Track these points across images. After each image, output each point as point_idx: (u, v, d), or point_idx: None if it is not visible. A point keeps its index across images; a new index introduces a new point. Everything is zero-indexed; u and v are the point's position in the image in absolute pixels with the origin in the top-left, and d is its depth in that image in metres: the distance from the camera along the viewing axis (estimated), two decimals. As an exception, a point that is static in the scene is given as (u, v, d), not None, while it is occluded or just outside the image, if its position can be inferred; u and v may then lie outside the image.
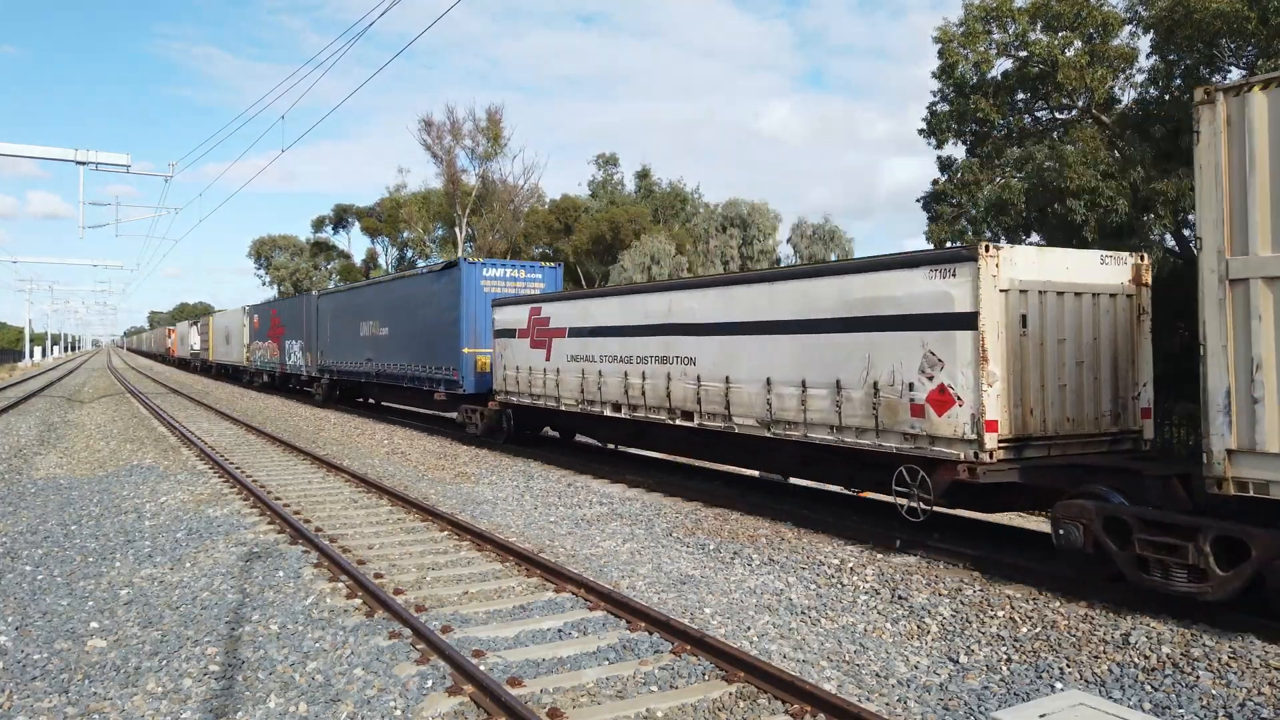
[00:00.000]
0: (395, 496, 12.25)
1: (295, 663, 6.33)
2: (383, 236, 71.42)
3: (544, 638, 6.81)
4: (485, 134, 50.55)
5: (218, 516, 11.23)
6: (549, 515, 11.55)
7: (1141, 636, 6.57)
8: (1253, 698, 5.62)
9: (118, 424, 23.55)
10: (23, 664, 6.42)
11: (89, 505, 12.15)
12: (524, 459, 16.51)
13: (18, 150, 22.17)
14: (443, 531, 10.39)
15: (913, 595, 7.76)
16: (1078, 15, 18.84)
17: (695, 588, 8.16)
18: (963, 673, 6.19)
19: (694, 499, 12.33)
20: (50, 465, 16.10)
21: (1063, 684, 5.94)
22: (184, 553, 9.44)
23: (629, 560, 9.17)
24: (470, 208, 51.31)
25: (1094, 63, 18.44)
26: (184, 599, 7.87)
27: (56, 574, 8.76)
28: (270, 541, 9.92)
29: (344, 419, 25.10)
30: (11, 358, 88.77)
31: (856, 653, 6.57)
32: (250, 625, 7.13)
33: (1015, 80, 20.29)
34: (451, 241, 53.76)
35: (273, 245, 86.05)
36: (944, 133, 21.70)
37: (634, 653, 6.43)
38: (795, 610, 7.52)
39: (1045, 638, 6.72)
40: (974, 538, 9.65)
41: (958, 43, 20.70)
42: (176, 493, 12.96)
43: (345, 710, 5.55)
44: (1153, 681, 5.93)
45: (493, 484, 13.97)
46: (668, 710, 5.53)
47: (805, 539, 9.92)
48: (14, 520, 11.24)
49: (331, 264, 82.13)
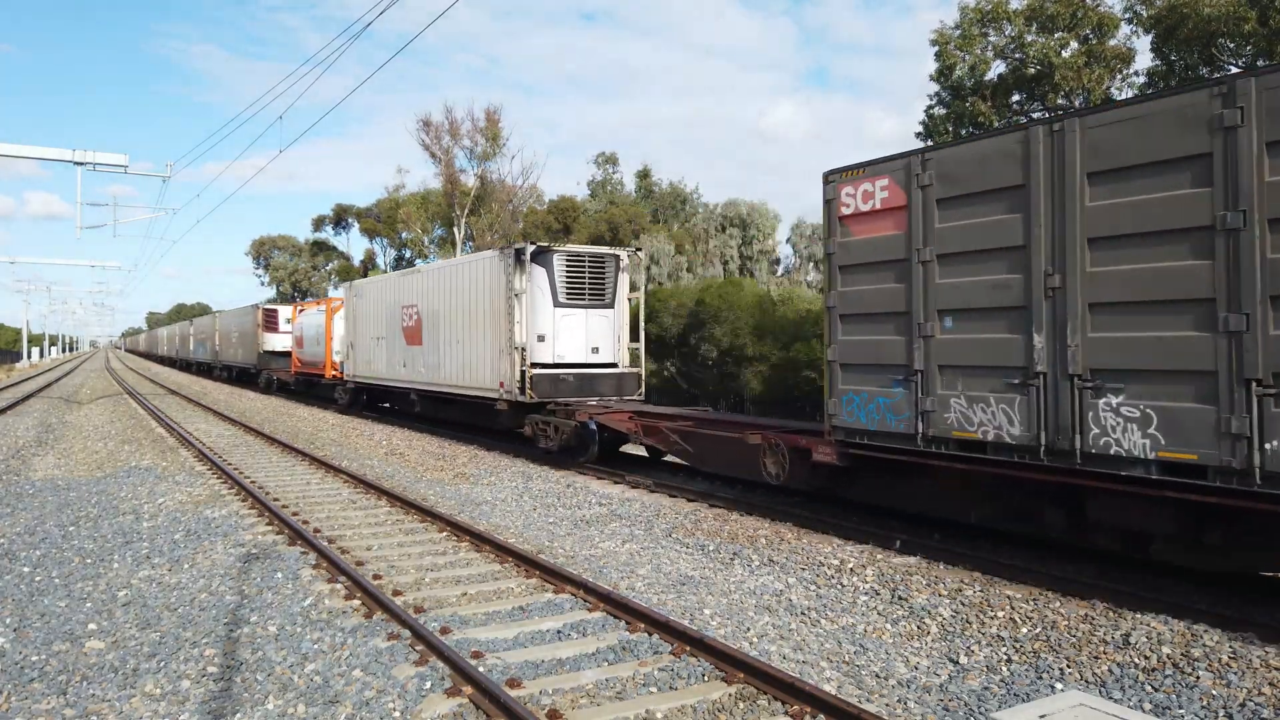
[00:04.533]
0: (394, 497, 12.23)
1: (294, 664, 6.32)
2: (381, 237, 71.40)
3: (543, 639, 6.80)
4: (484, 134, 50.62)
5: (216, 518, 11.21)
6: (548, 516, 11.54)
7: (1141, 636, 6.57)
8: (1253, 698, 5.62)
9: (115, 425, 23.52)
10: (20, 665, 6.40)
11: (87, 506, 12.13)
12: (523, 459, 16.50)
13: (15, 150, 22.13)
14: (441, 532, 10.38)
15: (913, 596, 7.76)
16: (1073, 16, 18.87)
17: (695, 589, 8.15)
18: (963, 673, 6.19)
19: (693, 500, 12.33)
20: (48, 466, 16.07)
21: (1063, 684, 5.94)
22: (182, 554, 9.43)
23: (628, 561, 9.16)
24: (469, 208, 51.32)
25: (1091, 63, 18.47)
26: (182, 600, 7.85)
27: (54, 575, 8.74)
28: (269, 543, 9.90)
29: (343, 419, 25.09)
30: (9, 359, 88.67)
31: (856, 653, 6.57)
32: (249, 626, 7.12)
33: (1012, 82, 20.32)
34: (450, 242, 53.76)
35: (272, 245, 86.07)
36: (941, 135, 21.71)
37: (633, 654, 6.42)
38: (795, 611, 7.52)
39: (1045, 638, 6.71)
40: (974, 538, 9.65)
41: (954, 45, 20.73)
42: (174, 494, 12.94)
43: (344, 712, 5.54)
44: (1153, 681, 5.93)
45: (491, 485, 13.96)
46: (667, 711, 5.52)
47: (805, 539, 9.92)
48: (12, 521, 11.22)
49: (330, 264, 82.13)
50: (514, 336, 15.98)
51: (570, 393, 15.90)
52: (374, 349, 23.75)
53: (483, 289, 17.36)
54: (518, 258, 16.02)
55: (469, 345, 17.96)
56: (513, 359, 16.00)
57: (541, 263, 16.12)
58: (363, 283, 26.35)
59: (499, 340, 16.56)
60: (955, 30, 20.71)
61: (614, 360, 16.74)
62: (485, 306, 17.18)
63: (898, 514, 10.53)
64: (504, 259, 16.55)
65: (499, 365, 16.59)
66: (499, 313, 16.55)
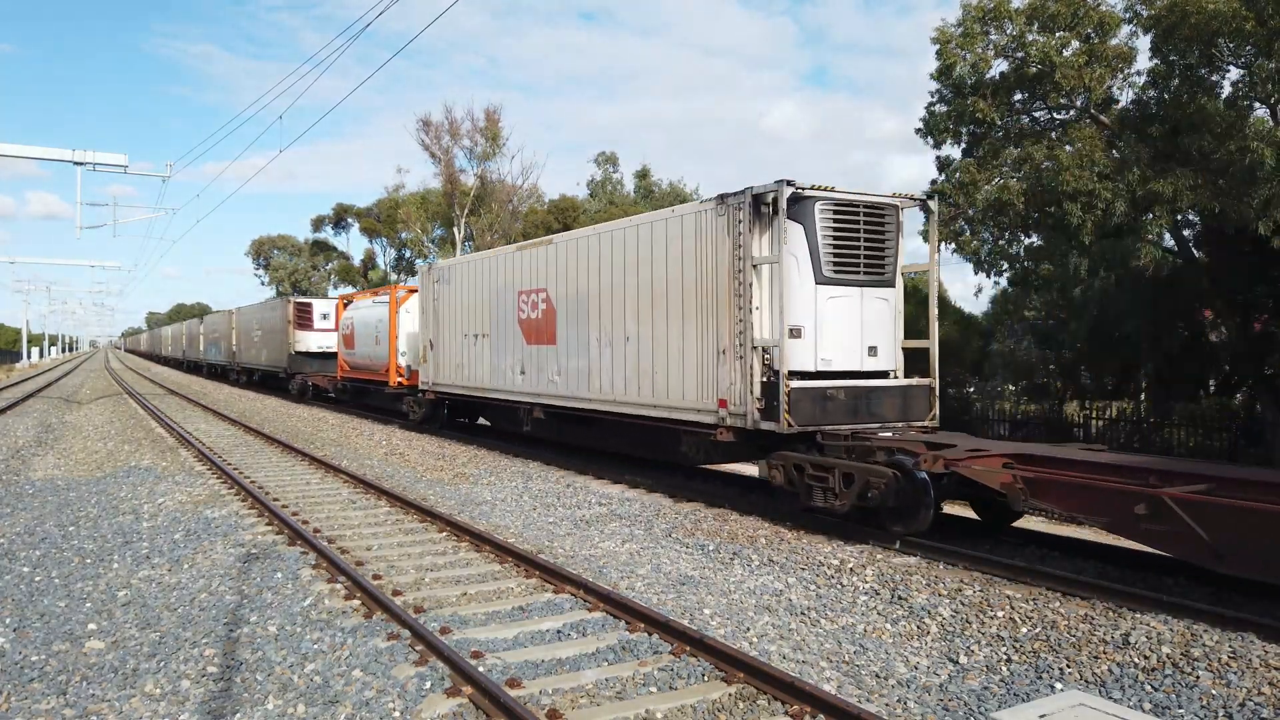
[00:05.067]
0: (394, 497, 12.23)
1: (294, 664, 6.32)
2: (381, 237, 71.42)
3: (543, 639, 6.80)
4: (483, 134, 50.60)
5: (216, 518, 11.21)
6: (548, 516, 11.53)
7: (1141, 636, 6.57)
8: (1253, 698, 5.61)
9: (115, 425, 23.52)
10: (20, 665, 6.40)
11: (87, 506, 12.13)
12: (523, 459, 16.48)
13: (16, 151, 22.14)
14: (441, 532, 10.38)
15: (913, 596, 7.75)
16: (1074, 15, 18.84)
17: (695, 588, 8.15)
18: (963, 673, 6.19)
19: (693, 499, 12.32)
20: (48, 466, 16.07)
21: (1063, 684, 5.94)
22: (182, 554, 9.43)
23: (628, 561, 9.16)
24: (469, 208, 51.32)
25: (1092, 62, 18.44)
26: (182, 600, 7.85)
27: (54, 575, 8.74)
28: (268, 543, 9.90)
29: (342, 420, 25.08)
30: (9, 359, 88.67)
31: (856, 653, 6.56)
32: (248, 627, 7.11)
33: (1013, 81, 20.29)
34: (450, 242, 53.77)
35: (271, 245, 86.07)
36: (941, 133, 21.70)
37: (633, 654, 6.42)
38: (795, 611, 7.51)
39: (1045, 638, 6.71)
40: (974, 538, 9.64)
41: (955, 44, 20.70)
42: (174, 494, 12.94)
43: (344, 712, 5.54)
44: (1153, 681, 5.93)
45: (491, 485, 13.96)
46: (667, 711, 5.52)
47: (805, 539, 9.91)
48: (11, 521, 11.22)
49: (330, 264, 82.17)
50: (750, 330, 10.76)
51: (841, 416, 10.68)
52: (468, 350, 18.41)
53: (682, 259, 11.93)
54: (755, 207, 10.75)
55: (650, 344, 12.67)
56: (745, 364, 10.79)
57: (797, 215, 10.64)
58: (449, 263, 20.12)
59: (716, 336, 11.31)
60: (956, 28, 20.68)
61: (893, 365, 11.56)
62: (687, 285, 11.84)
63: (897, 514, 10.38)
64: (728, 210, 11.06)
65: (717, 374, 11.30)
66: (717, 294, 11.29)
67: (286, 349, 33.04)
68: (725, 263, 11.14)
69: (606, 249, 13.81)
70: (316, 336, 32.64)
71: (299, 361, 32.76)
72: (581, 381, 14.35)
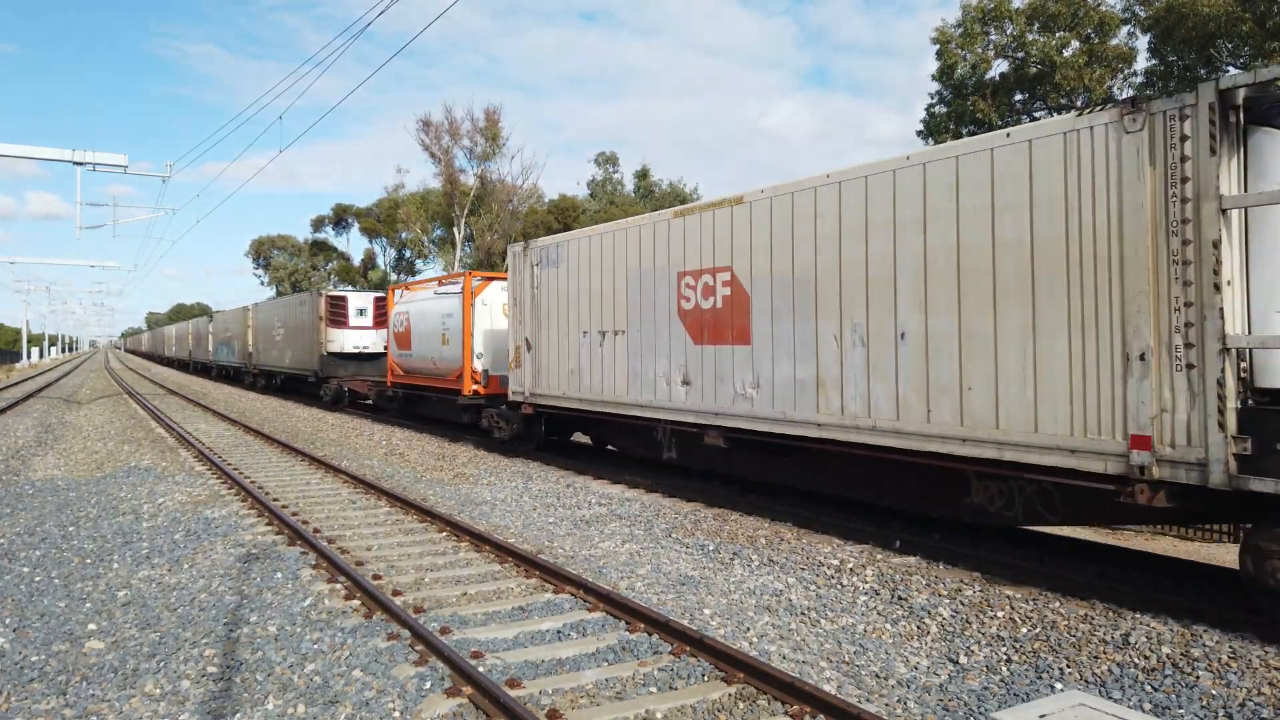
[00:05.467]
0: (394, 497, 12.23)
1: (294, 664, 6.32)
2: (381, 237, 71.46)
3: (543, 639, 6.80)
4: (483, 134, 50.66)
5: (216, 518, 11.21)
6: (548, 516, 11.53)
7: (1141, 636, 6.57)
8: (1253, 698, 5.61)
9: (115, 425, 23.52)
10: (20, 665, 6.40)
11: (87, 506, 12.13)
12: (522, 459, 16.48)
13: (16, 151, 22.14)
14: (441, 532, 10.38)
15: (913, 596, 7.75)
16: (1074, 16, 18.87)
17: (695, 589, 8.15)
18: (963, 673, 6.19)
19: (693, 499, 12.32)
20: (48, 466, 16.07)
21: (1063, 684, 5.94)
22: (182, 554, 9.43)
23: (628, 561, 9.16)
24: (468, 208, 51.33)
25: (1091, 62, 18.47)
26: (182, 600, 7.85)
27: (54, 575, 8.74)
28: (268, 543, 9.90)
29: (343, 420, 25.08)
30: (9, 359, 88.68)
31: (856, 653, 6.57)
32: (248, 627, 7.12)
33: (1013, 81, 20.32)
34: (450, 242, 53.78)
35: (271, 245, 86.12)
36: (942, 134, 21.71)
37: (633, 654, 6.42)
38: (795, 611, 7.52)
39: (1045, 638, 6.71)
40: (974, 538, 9.65)
41: (955, 44, 20.73)
42: (174, 494, 12.94)
43: (344, 712, 5.54)
44: (1153, 681, 5.93)
45: (491, 485, 13.96)
46: (667, 711, 5.52)
47: (805, 539, 9.92)
48: (11, 522, 11.22)
49: (330, 264, 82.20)
50: (1210, 320, 6.66)
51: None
52: (588, 352, 14.44)
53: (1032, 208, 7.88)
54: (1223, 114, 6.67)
55: (951, 344, 8.62)
56: (1200, 378, 6.72)
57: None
58: (558, 240, 15.71)
59: (1124, 330, 7.21)
60: (957, 29, 20.71)
61: None
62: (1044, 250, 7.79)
63: (898, 514, 10.49)
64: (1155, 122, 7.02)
65: (1125, 392, 7.19)
66: (1123, 261, 7.24)
67: (317, 349, 28.37)
68: (1145, 209, 7.05)
69: (855, 204, 9.65)
70: (353, 335, 28.38)
71: (331, 364, 28.36)
72: (801, 397, 10.31)
